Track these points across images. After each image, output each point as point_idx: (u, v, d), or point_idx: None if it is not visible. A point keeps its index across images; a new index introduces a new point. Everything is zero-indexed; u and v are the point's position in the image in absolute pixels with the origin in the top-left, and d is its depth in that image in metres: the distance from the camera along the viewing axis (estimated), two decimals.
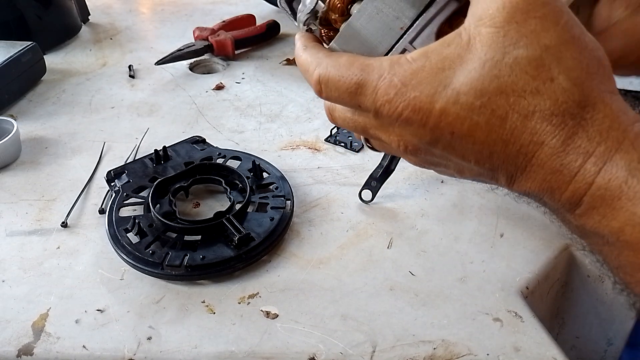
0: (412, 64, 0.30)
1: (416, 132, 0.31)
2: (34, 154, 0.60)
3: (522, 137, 0.29)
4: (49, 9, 0.83)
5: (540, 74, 0.28)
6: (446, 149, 0.31)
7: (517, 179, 0.31)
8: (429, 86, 0.30)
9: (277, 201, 0.50)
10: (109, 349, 0.39)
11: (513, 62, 0.28)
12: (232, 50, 0.80)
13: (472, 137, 0.30)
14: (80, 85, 0.74)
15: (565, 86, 0.28)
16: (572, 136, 0.28)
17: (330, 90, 0.33)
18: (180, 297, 0.43)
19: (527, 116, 0.29)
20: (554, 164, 0.29)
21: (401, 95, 0.30)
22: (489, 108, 0.29)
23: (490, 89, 0.29)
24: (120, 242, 0.46)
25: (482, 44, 0.29)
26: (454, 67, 0.30)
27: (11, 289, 0.44)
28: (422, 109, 0.30)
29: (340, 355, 0.38)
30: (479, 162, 0.31)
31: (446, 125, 0.30)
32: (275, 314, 0.41)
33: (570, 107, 0.28)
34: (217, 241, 0.46)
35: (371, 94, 0.31)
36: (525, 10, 0.28)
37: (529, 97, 0.28)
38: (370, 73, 0.31)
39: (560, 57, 0.28)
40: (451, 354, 0.38)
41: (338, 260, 0.46)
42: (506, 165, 0.30)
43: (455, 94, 0.29)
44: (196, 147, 0.58)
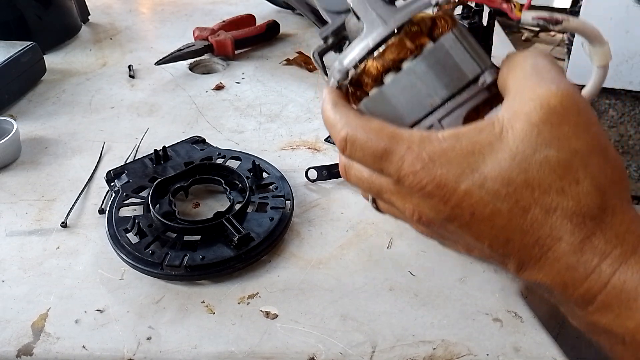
0: (443, 142, 0.31)
1: (435, 206, 0.31)
2: (34, 154, 0.60)
3: (541, 229, 0.30)
4: (49, 9, 0.83)
5: (567, 176, 0.30)
6: (462, 227, 0.32)
7: (528, 268, 0.31)
8: (457, 166, 0.31)
9: (277, 201, 0.50)
10: (108, 349, 0.39)
11: (543, 160, 0.30)
12: (232, 50, 0.80)
13: (492, 222, 0.31)
14: (80, 85, 0.74)
15: (589, 190, 0.30)
16: (590, 236, 0.30)
17: (356, 150, 0.33)
18: (179, 297, 0.43)
19: (549, 211, 0.30)
20: (570, 260, 0.30)
21: (427, 169, 0.31)
22: (514, 198, 0.30)
23: (517, 180, 0.30)
24: (120, 242, 0.46)
25: (514, 137, 0.30)
26: (484, 153, 0.31)
27: (11, 289, 0.44)
28: (447, 186, 0.31)
29: (340, 355, 0.38)
30: (492, 246, 0.32)
31: (468, 206, 0.31)
32: (275, 314, 0.41)
33: (591, 210, 0.30)
34: (216, 241, 0.46)
35: (397, 162, 0.32)
36: (561, 114, 0.30)
37: (554, 194, 0.30)
38: (399, 142, 0.32)
39: (587, 163, 0.30)
40: (451, 354, 0.38)
41: (338, 261, 0.46)
42: (520, 253, 0.31)
43: (482, 179, 0.30)
44: (196, 147, 0.58)
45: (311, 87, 0.73)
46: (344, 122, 0.34)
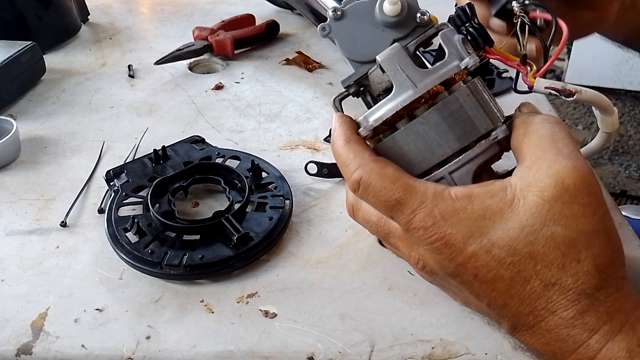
0: (455, 202, 0.32)
1: (441, 262, 0.33)
2: (34, 153, 0.60)
3: (537, 301, 0.31)
4: (48, 9, 0.83)
5: (570, 254, 0.31)
6: (463, 284, 0.33)
7: (520, 332, 0.33)
8: (467, 229, 0.32)
9: (276, 201, 0.50)
10: (107, 348, 0.39)
11: (550, 236, 0.31)
12: (232, 50, 0.80)
13: (493, 286, 0.32)
14: (79, 85, 0.74)
15: (589, 270, 0.31)
16: (582, 313, 0.31)
17: (368, 195, 0.33)
18: (179, 296, 0.43)
19: (548, 285, 0.31)
20: (561, 332, 0.31)
21: (438, 227, 0.32)
22: (517, 267, 0.31)
23: (523, 251, 0.31)
24: (119, 242, 0.46)
25: (525, 209, 0.31)
26: (494, 220, 0.31)
27: (10, 288, 0.44)
28: (455, 246, 0.32)
29: (339, 354, 0.38)
30: (490, 305, 0.33)
31: (472, 268, 0.32)
32: (274, 314, 0.41)
33: (587, 288, 0.31)
34: (216, 241, 0.46)
35: (408, 215, 0.32)
36: (573, 194, 0.31)
37: (555, 270, 0.31)
38: (413, 195, 0.32)
39: (591, 244, 0.31)
40: (449, 353, 0.38)
41: (337, 260, 0.46)
42: (514, 318, 0.33)
43: (489, 245, 0.31)
44: (195, 147, 0.58)
45: (310, 87, 0.73)
46: (358, 163, 0.34)
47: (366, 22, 0.37)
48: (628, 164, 2.08)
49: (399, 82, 0.34)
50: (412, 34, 0.36)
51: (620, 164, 2.07)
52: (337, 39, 0.38)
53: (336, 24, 0.38)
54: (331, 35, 0.38)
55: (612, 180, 2.00)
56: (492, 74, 0.71)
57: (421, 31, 0.36)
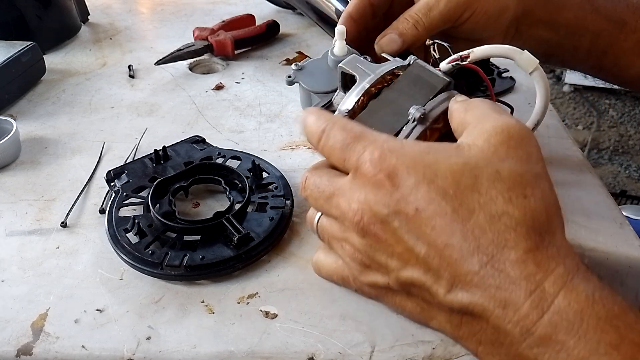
0: (404, 142, 0.34)
1: (382, 199, 0.32)
2: (34, 154, 0.60)
3: (483, 236, 0.29)
4: (48, 9, 0.83)
5: (517, 188, 0.30)
6: (401, 227, 0.31)
7: (461, 286, 0.29)
8: (411, 160, 0.32)
9: (277, 201, 0.50)
10: (108, 348, 0.39)
11: (495, 172, 0.31)
12: (232, 50, 0.80)
13: (433, 222, 0.30)
14: (79, 85, 0.74)
15: (536, 207, 0.30)
16: (534, 250, 0.29)
17: (330, 137, 0.36)
18: (179, 297, 0.43)
19: (494, 218, 0.29)
20: (514, 272, 0.28)
21: (383, 159, 0.32)
22: (459, 199, 0.30)
23: (466, 183, 0.30)
24: (119, 242, 0.46)
25: (470, 150, 0.32)
26: (439, 154, 0.32)
27: (10, 288, 0.44)
28: (398, 176, 0.32)
29: (339, 355, 0.38)
30: (428, 255, 0.30)
31: (413, 200, 0.31)
32: (274, 314, 0.41)
33: (536, 224, 0.29)
34: (216, 241, 0.46)
35: (360, 150, 0.34)
36: (518, 141, 0.32)
37: (501, 202, 0.30)
38: (368, 136, 0.34)
39: (536, 185, 0.31)
40: (450, 353, 0.38)
41: None
42: (456, 264, 0.29)
43: (432, 174, 0.31)
44: (196, 147, 0.58)
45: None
46: (327, 118, 0.37)
47: (321, 68, 0.50)
48: (628, 164, 2.08)
49: (360, 73, 0.43)
50: None
51: (620, 164, 2.08)
52: (302, 82, 0.51)
53: (299, 73, 0.52)
54: (296, 80, 0.51)
55: (612, 180, 2.00)
56: (493, 73, 0.71)
57: None
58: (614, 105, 2.42)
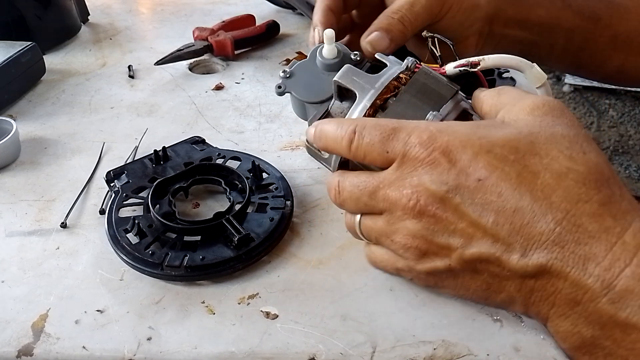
0: (448, 123, 0.33)
1: (439, 177, 0.31)
2: (34, 154, 0.60)
3: (554, 194, 0.28)
4: (48, 9, 0.83)
5: (574, 147, 0.30)
6: (464, 201, 0.30)
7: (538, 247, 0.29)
8: (463, 135, 0.31)
9: (277, 201, 0.50)
10: (108, 349, 0.39)
11: (549, 135, 0.31)
12: (232, 51, 0.80)
13: (499, 188, 0.29)
14: (79, 85, 0.74)
15: (597, 161, 0.30)
16: (607, 203, 0.28)
17: (364, 136, 0.34)
18: (180, 297, 0.43)
19: (561, 175, 0.29)
20: (592, 226, 0.27)
21: (434, 138, 0.32)
22: (521, 163, 0.30)
23: (524, 148, 0.30)
24: (119, 243, 0.46)
25: (517, 123, 0.32)
26: (489, 127, 0.32)
27: (11, 289, 0.44)
28: (453, 151, 0.31)
29: (340, 355, 0.38)
30: (497, 223, 0.29)
31: (474, 171, 0.30)
32: (275, 315, 0.41)
33: (602, 178, 0.29)
34: (216, 242, 0.46)
35: (404, 137, 0.33)
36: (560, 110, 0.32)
37: (563, 160, 0.29)
38: (406, 124, 0.34)
39: (590, 142, 0.31)
40: (451, 354, 0.38)
41: (338, 261, 0.46)
42: (529, 228, 0.29)
43: (489, 144, 0.30)
44: (196, 148, 0.57)
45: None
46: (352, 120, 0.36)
47: (312, 73, 0.45)
48: (628, 163, 2.08)
49: (359, 88, 0.39)
50: None
51: (620, 164, 2.08)
52: (293, 91, 0.45)
53: (288, 81, 0.46)
54: (287, 90, 0.45)
55: None
56: (494, 74, 0.71)
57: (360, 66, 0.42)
58: (614, 105, 2.42)
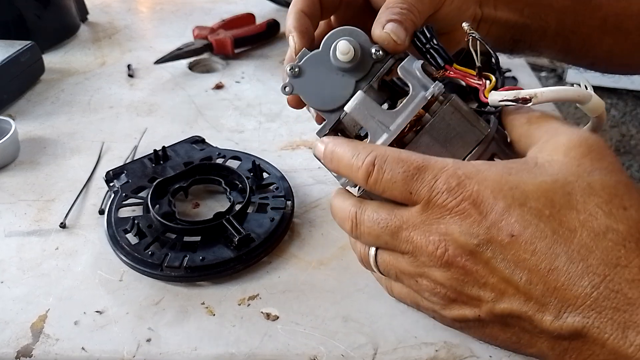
0: (478, 165, 0.30)
1: (469, 229, 0.29)
2: (33, 154, 0.60)
3: (591, 256, 0.27)
4: (47, 8, 0.82)
5: (614, 200, 0.28)
6: (496, 256, 0.29)
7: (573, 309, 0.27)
8: (495, 183, 0.29)
9: (278, 202, 0.50)
10: (108, 350, 0.39)
11: (587, 186, 0.28)
12: (232, 50, 0.79)
13: (533, 246, 0.28)
14: (79, 84, 0.74)
15: (637, 218, 0.28)
16: None
17: (385, 171, 0.31)
18: (179, 298, 0.43)
19: (599, 235, 0.27)
20: (631, 292, 0.26)
21: (463, 186, 0.29)
22: (557, 219, 0.28)
23: (560, 201, 0.28)
24: (119, 243, 0.46)
25: (552, 167, 0.29)
26: (521, 175, 0.29)
27: (10, 290, 0.43)
28: (484, 203, 0.29)
29: (342, 357, 0.38)
30: (530, 282, 0.28)
31: (507, 225, 0.28)
32: (275, 316, 0.41)
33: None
34: (216, 242, 0.46)
35: (430, 180, 0.30)
36: (599, 152, 0.30)
37: (601, 217, 0.27)
38: (432, 162, 0.30)
39: (631, 193, 0.29)
40: (453, 356, 0.38)
41: (339, 261, 0.46)
42: (564, 290, 0.27)
43: (523, 197, 0.28)
44: (195, 147, 0.57)
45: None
46: (368, 149, 0.32)
47: (325, 72, 0.37)
48: (630, 163, 2.08)
49: (372, 129, 0.35)
50: (371, 71, 0.36)
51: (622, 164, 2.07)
52: (301, 95, 0.38)
53: (296, 80, 0.38)
54: (295, 92, 0.38)
55: None
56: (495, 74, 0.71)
57: (380, 66, 0.36)
58: (615, 104, 2.41)
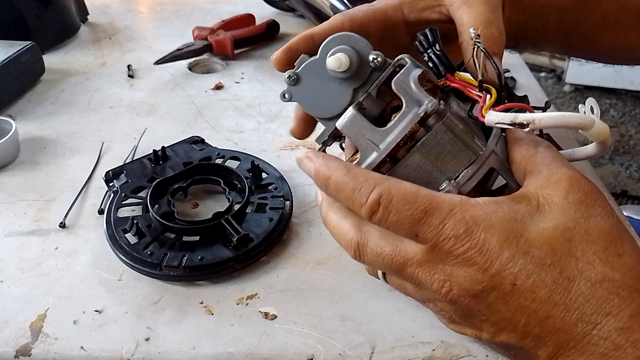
0: (485, 207, 0.30)
1: (472, 276, 0.30)
2: (33, 154, 0.60)
3: (586, 304, 0.28)
4: (47, 9, 0.83)
5: (610, 248, 0.29)
6: (498, 301, 0.30)
7: (565, 353, 0.29)
8: (501, 232, 0.30)
9: (276, 201, 0.50)
10: (107, 349, 0.39)
11: (584, 233, 0.29)
12: (232, 50, 0.80)
13: (534, 294, 0.29)
14: (79, 85, 0.74)
15: (631, 264, 0.29)
16: (638, 314, 0.28)
17: (390, 213, 0.31)
18: (178, 298, 0.43)
19: (595, 284, 0.28)
20: (618, 339, 0.28)
21: (470, 233, 0.29)
22: (558, 268, 0.29)
23: (561, 249, 0.29)
24: (118, 243, 0.46)
25: (553, 211, 0.30)
26: (525, 221, 0.30)
27: (9, 289, 0.43)
28: (490, 252, 0.29)
29: (339, 356, 0.38)
30: (528, 325, 0.29)
31: (510, 275, 0.29)
32: (273, 315, 0.41)
33: (636, 284, 0.28)
34: (215, 242, 0.46)
35: (437, 225, 0.30)
36: (593, 197, 0.31)
37: (599, 266, 0.29)
38: (439, 205, 0.30)
39: (624, 239, 0.30)
40: (450, 355, 0.38)
41: (337, 261, 0.46)
42: (559, 333, 0.29)
43: (527, 245, 0.29)
44: (195, 147, 0.57)
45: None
46: (372, 183, 0.31)
47: (322, 79, 0.37)
48: (629, 163, 2.08)
49: (362, 146, 0.34)
50: (370, 78, 0.36)
51: (621, 164, 2.07)
52: (299, 102, 0.38)
53: (294, 88, 0.38)
54: (293, 99, 0.38)
55: (613, 180, 2.00)
56: None
57: (378, 74, 0.36)
58: (614, 105, 2.41)
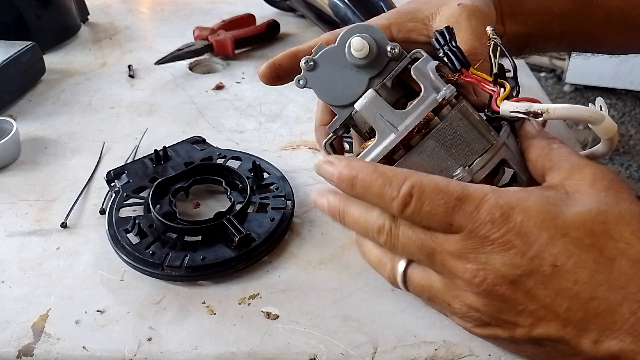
0: (516, 192, 0.30)
1: (511, 260, 0.29)
2: (34, 154, 0.60)
3: (630, 283, 0.28)
4: (48, 9, 0.83)
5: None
6: (537, 286, 0.29)
7: (611, 335, 0.28)
8: (537, 214, 0.29)
9: (278, 201, 0.50)
10: (109, 349, 0.39)
11: (619, 215, 0.29)
12: (232, 50, 0.80)
13: (575, 275, 0.28)
14: (79, 85, 0.74)
15: None
16: None
17: (424, 202, 0.30)
18: (180, 297, 0.43)
19: (637, 262, 0.28)
20: None
21: (507, 217, 0.29)
22: (597, 248, 0.29)
23: (599, 231, 0.29)
24: (120, 243, 0.46)
25: (583, 196, 0.30)
26: (559, 205, 0.30)
27: (11, 289, 0.43)
28: (528, 234, 0.29)
29: (341, 356, 0.38)
30: (570, 309, 0.29)
31: (550, 256, 0.29)
32: (275, 315, 0.41)
33: None
34: (217, 242, 0.46)
35: (472, 211, 0.30)
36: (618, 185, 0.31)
37: (637, 244, 0.29)
38: (472, 193, 0.30)
39: None
40: (453, 354, 0.38)
41: (339, 261, 0.46)
42: (604, 315, 0.28)
43: (564, 227, 0.29)
44: (196, 147, 0.57)
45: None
46: (401, 177, 0.31)
47: (339, 67, 0.37)
48: (629, 163, 2.08)
49: (380, 128, 0.35)
50: (386, 69, 0.36)
51: (621, 164, 2.08)
52: (314, 89, 0.38)
53: (310, 74, 0.38)
54: (308, 85, 0.38)
55: None
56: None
57: (394, 65, 0.36)
58: (614, 105, 2.42)
